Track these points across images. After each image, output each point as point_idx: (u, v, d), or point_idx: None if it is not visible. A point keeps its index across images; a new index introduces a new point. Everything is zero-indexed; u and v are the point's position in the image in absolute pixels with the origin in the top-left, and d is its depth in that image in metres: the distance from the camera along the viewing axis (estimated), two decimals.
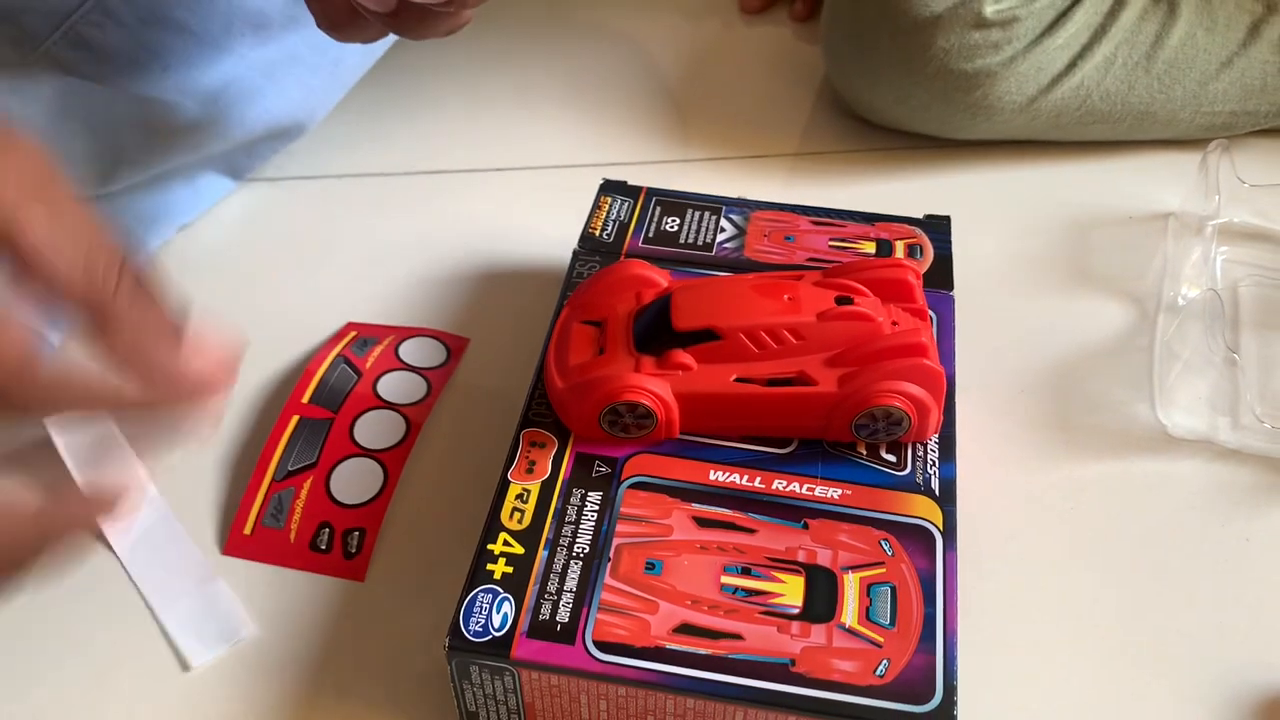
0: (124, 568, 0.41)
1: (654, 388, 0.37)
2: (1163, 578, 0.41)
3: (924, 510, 0.37)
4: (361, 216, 0.57)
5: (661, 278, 0.42)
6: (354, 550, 0.42)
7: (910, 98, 0.57)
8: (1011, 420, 0.46)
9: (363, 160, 0.60)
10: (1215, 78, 0.57)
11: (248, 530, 0.42)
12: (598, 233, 0.47)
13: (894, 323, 0.39)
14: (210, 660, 0.39)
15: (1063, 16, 0.55)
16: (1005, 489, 0.43)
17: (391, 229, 0.56)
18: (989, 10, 0.54)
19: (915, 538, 0.36)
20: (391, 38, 0.58)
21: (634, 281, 0.41)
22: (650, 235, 0.47)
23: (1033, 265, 0.53)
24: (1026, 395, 0.47)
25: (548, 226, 0.53)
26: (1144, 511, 0.43)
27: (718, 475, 0.38)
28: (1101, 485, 0.44)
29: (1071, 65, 0.56)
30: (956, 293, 0.45)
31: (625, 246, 0.47)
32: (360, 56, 0.56)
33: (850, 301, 0.38)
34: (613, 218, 0.48)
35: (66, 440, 0.29)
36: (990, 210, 0.56)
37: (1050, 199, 0.57)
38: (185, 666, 0.38)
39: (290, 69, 0.53)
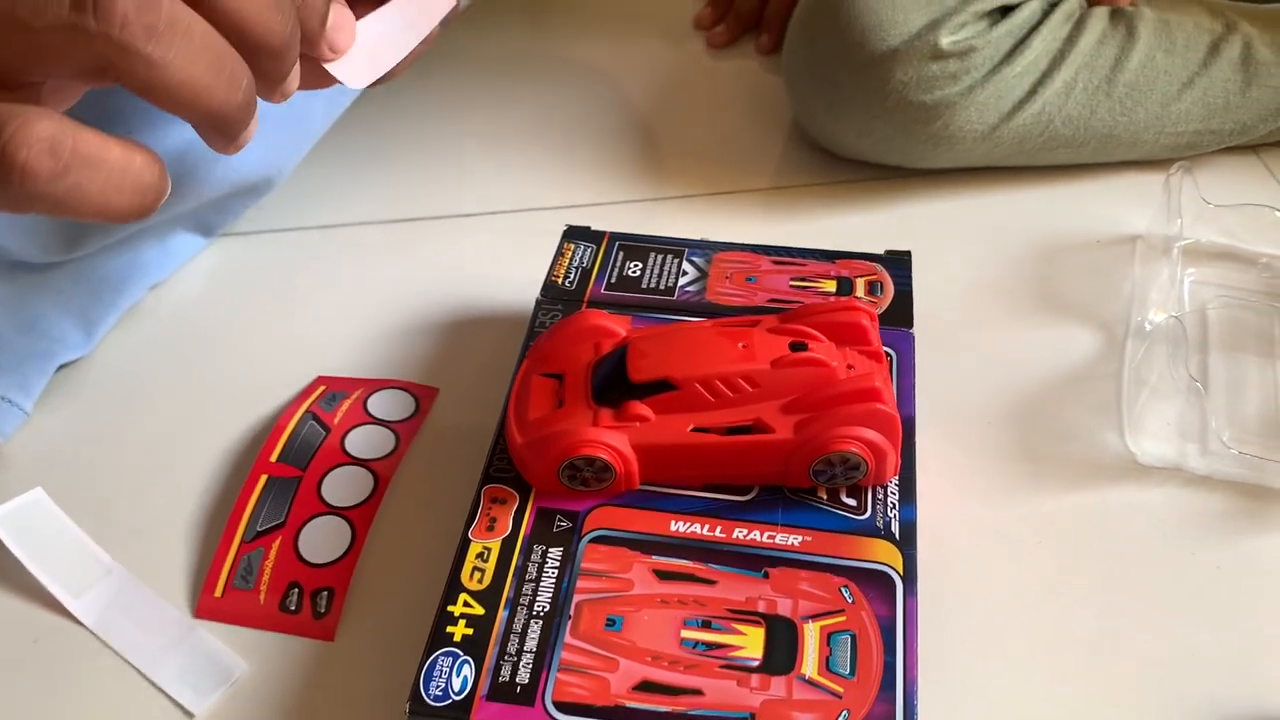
0: (100, 639, 0.41)
1: (611, 441, 0.37)
2: (1134, 611, 0.41)
3: (884, 555, 0.37)
4: (332, 267, 0.57)
5: (620, 326, 0.42)
6: (323, 610, 0.42)
7: (872, 131, 0.57)
8: (977, 454, 0.46)
9: (332, 211, 0.60)
10: (1177, 98, 0.57)
11: (218, 593, 0.42)
12: (560, 280, 0.48)
13: (849, 366, 0.39)
14: (214, 702, 0.39)
15: (1021, 44, 0.56)
16: (971, 525, 0.43)
17: (362, 279, 0.56)
18: (945, 42, 0.54)
19: (876, 584, 0.36)
20: (356, 91, 0.59)
21: (592, 332, 0.42)
22: (612, 281, 0.47)
23: (999, 293, 0.53)
24: (993, 427, 0.47)
25: (515, 271, 0.53)
26: (1114, 543, 0.43)
27: (678, 526, 0.38)
28: (1070, 517, 0.44)
29: (1032, 92, 0.56)
30: (920, 325, 0.45)
31: (588, 294, 0.47)
32: (325, 108, 0.56)
33: (804, 348, 0.38)
34: (575, 264, 0.48)
35: None
36: (956, 239, 0.56)
37: (1016, 225, 0.57)
38: (189, 714, 0.39)
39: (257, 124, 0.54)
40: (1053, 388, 0.49)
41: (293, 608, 0.42)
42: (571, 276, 0.48)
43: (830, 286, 0.46)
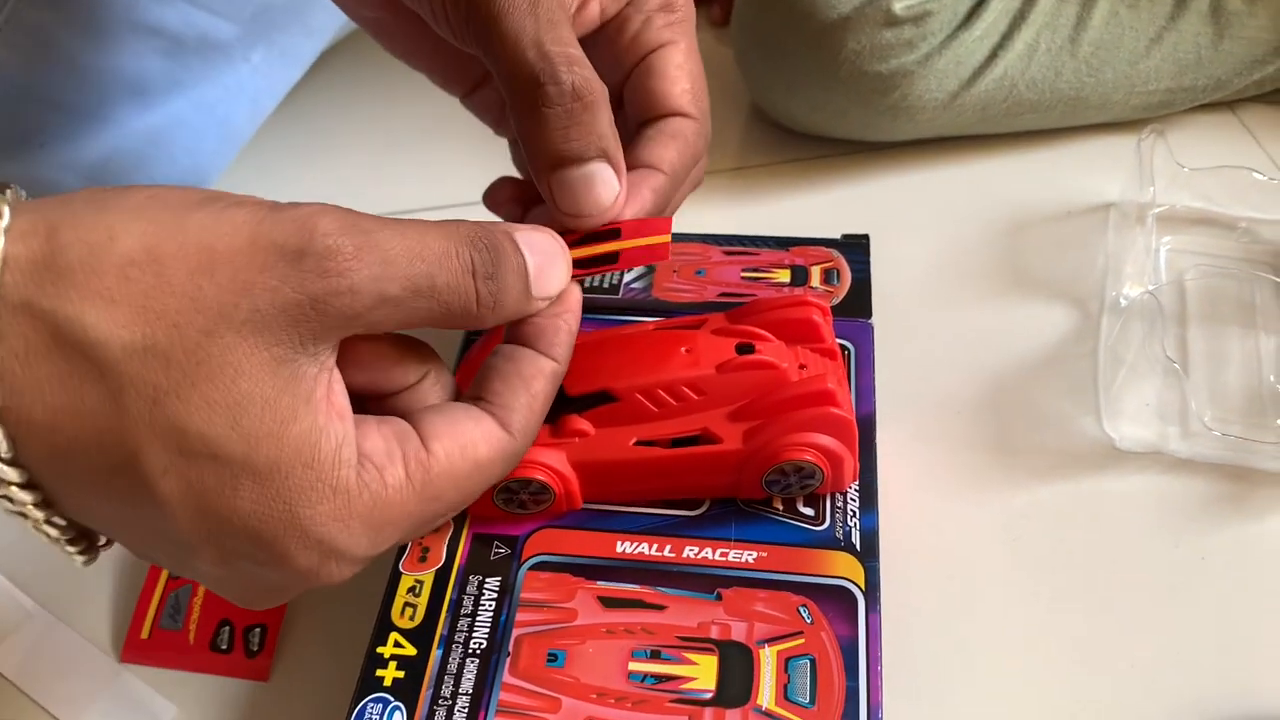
0: (19, 688, 0.39)
1: (548, 460, 0.35)
2: (1117, 607, 0.39)
3: (845, 569, 0.34)
4: None
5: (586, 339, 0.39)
6: (256, 648, 0.39)
7: (826, 104, 0.54)
8: (945, 447, 0.43)
9: None
10: (1145, 55, 0.55)
11: (145, 634, 0.40)
12: None
13: (801, 366, 0.36)
14: None
15: (979, 6, 0.53)
16: (940, 525, 0.41)
17: None
18: (899, 6, 0.51)
19: (836, 600, 0.34)
20: (283, 91, 0.55)
21: None
22: (586, 286, 0.44)
23: (965, 272, 0.51)
24: (962, 417, 0.45)
25: None
26: (1093, 535, 0.41)
27: (625, 546, 0.35)
28: (1046, 509, 0.42)
29: (992, 56, 0.53)
30: (881, 310, 0.42)
31: None
32: (249, 111, 0.53)
33: (752, 349, 0.36)
34: None
35: None
36: (919, 215, 0.54)
37: (981, 198, 0.54)
38: None
39: (176, 134, 0.51)
40: (1024, 372, 0.46)
41: (224, 647, 0.39)
42: None
43: (784, 276, 0.43)
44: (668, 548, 0.35)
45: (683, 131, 0.34)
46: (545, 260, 0.29)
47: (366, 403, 0.29)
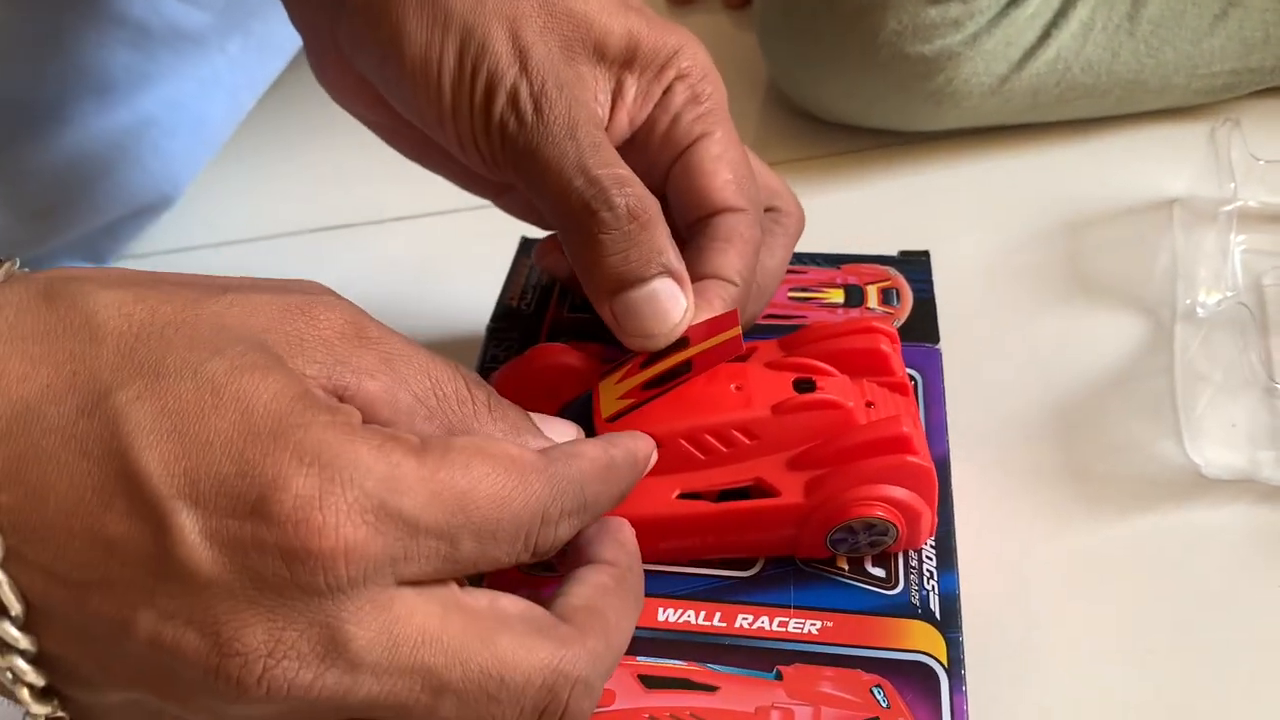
0: None
1: None
2: (1214, 659, 0.34)
3: (923, 640, 0.30)
4: None
5: (585, 363, 0.34)
6: None
7: (862, 90, 0.50)
8: (1015, 480, 0.39)
9: (245, 224, 0.52)
10: (1209, 34, 0.50)
11: None
12: (516, 303, 0.40)
13: (869, 404, 0.32)
14: None
15: None
16: (1014, 565, 0.36)
17: None
18: None
19: (914, 679, 0.29)
20: (263, 85, 0.50)
21: (550, 373, 0.34)
22: (578, 302, 0.40)
23: (1020, 279, 0.46)
24: (1029, 444, 0.40)
25: (461, 286, 0.46)
26: (1182, 575, 0.36)
27: (668, 614, 0.31)
28: (1129, 546, 0.37)
29: (1044, 36, 0.49)
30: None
31: (548, 318, 0.39)
32: (227, 111, 0.48)
33: (812, 386, 0.31)
34: (533, 283, 0.41)
35: None
36: (964, 216, 0.49)
37: (1033, 195, 0.50)
38: None
39: (144, 135, 0.46)
40: (1094, 390, 0.42)
41: None
42: (529, 297, 0.40)
43: (837, 296, 0.39)
44: (717, 616, 0.31)
45: (736, 229, 0.32)
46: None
47: None
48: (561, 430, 0.29)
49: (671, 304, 0.30)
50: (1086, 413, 0.41)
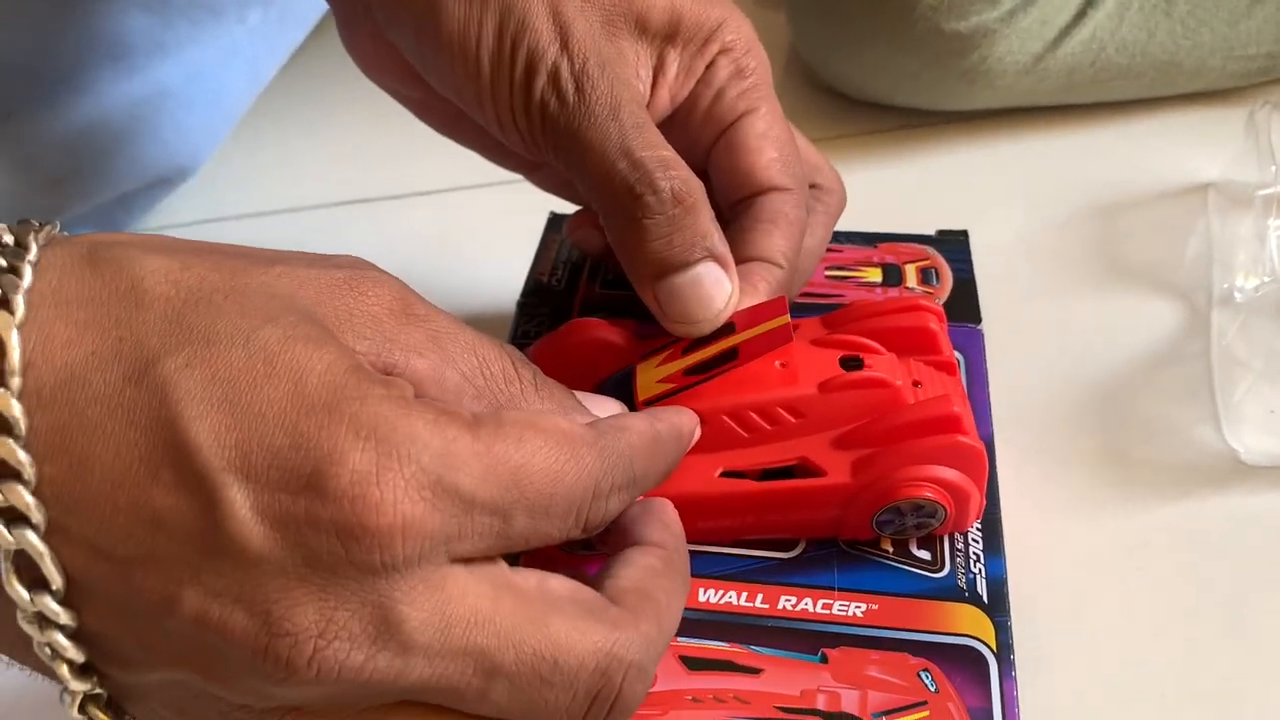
0: None
1: None
2: (1257, 647, 0.34)
3: (970, 624, 0.29)
4: None
5: (622, 339, 0.34)
6: None
7: (894, 66, 0.49)
8: (1051, 461, 0.38)
9: (263, 197, 0.51)
10: (1247, 15, 0.49)
11: None
12: (546, 279, 0.39)
13: (915, 383, 0.31)
14: None
15: None
16: (1055, 551, 0.36)
17: None
18: None
19: (962, 662, 0.29)
20: (284, 55, 0.49)
21: (586, 349, 0.33)
22: (609, 277, 0.39)
23: (1054, 261, 0.45)
24: (1066, 427, 0.39)
25: (488, 261, 0.45)
26: (1223, 564, 0.36)
27: (709, 595, 0.30)
28: (1169, 533, 0.37)
29: (1080, 15, 0.48)
30: None
31: (579, 295, 0.39)
32: (247, 83, 0.48)
33: (860, 364, 0.30)
34: (563, 259, 0.40)
35: None
36: (997, 197, 0.48)
37: (1067, 177, 0.49)
38: None
39: (161, 106, 0.45)
40: (1130, 374, 0.41)
41: None
42: (559, 273, 0.39)
43: (875, 275, 0.38)
44: (759, 597, 0.30)
45: (781, 209, 0.31)
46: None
47: None
48: (607, 408, 0.28)
49: (716, 289, 0.29)
50: (1123, 397, 0.40)
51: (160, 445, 0.20)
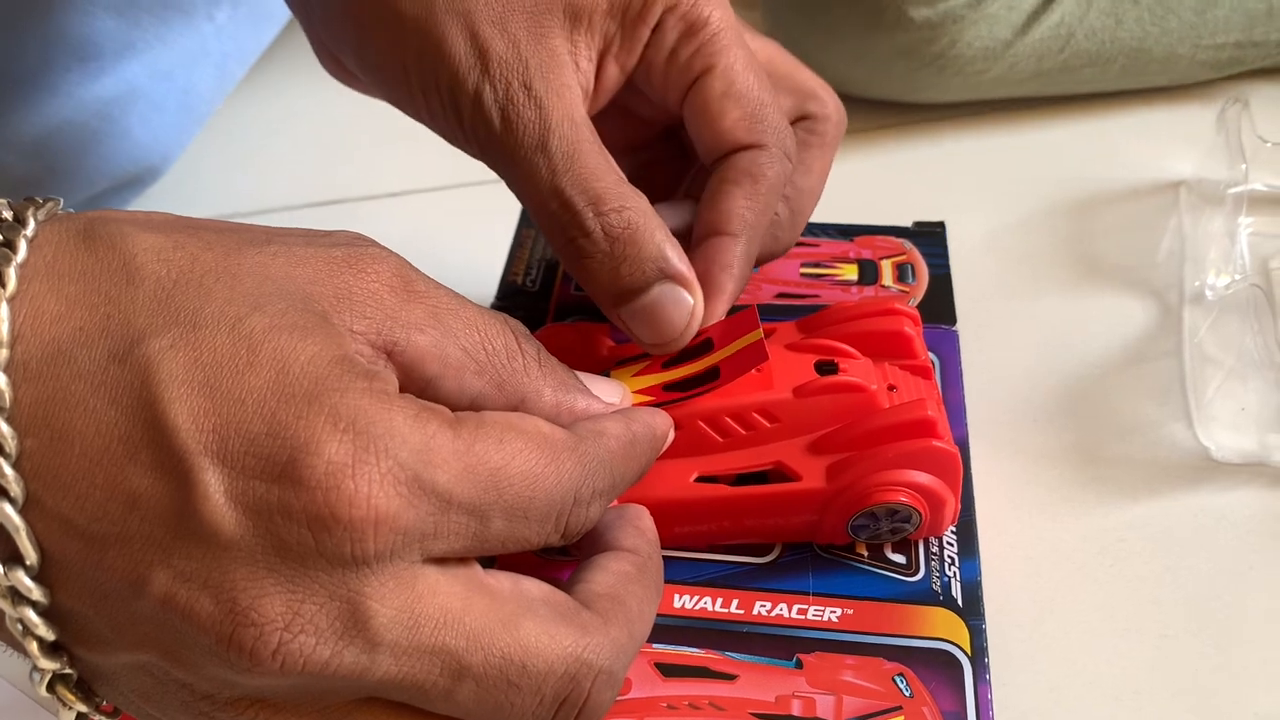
0: None
1: None
2: (1228, 642, 0.34)
3: (945, 628, 0.29)
4: None
5: (599, 344, 0.33)
6: None
7: (864, 56, 0.49)
8: (1024, 459, 0.39)
9: (232, 198, 0.51)
10: (1213, 4, 0.50)
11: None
12: (520, 280, 0.39)
13: (891, 387, 0.31)
14: None
15: None
16: (1028, 549, 0.36)
17: None
18: None
19: (937, 667, 0.29)
20: (253, 55, 0.49)
21: (562, 354, 0.33)
22: None
23: (1026, 257, 0.46)
24: (1038, 425, 0.40)
25: (459, 264, 0.45)
26: (1195, 560, 0.36)
27: (684, 601, 0.30)
28: (1141, 530, 0.37)
29: (1048, 1, 0.48)
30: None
31: (555, 296, 0.38)
32: (216, 82, 0.47)
33: (835, 369, 0.30)
34: (538, 257, 0.40)
35: None
36: (970, 192, 0.48)
37: (1040, 173, 0.49)
38: None
39: (131, 105, 0.44)
40: (1102, 372, 0.41)
41: None
42: (533, 273, 0.39)
43: (851, 273, 0.38)
44: (735, 602, 0.30)
45: (748, 169, 0.30)
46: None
47: None
48: (608, 389, 0.28)
49: (675, 309, 0.29)
50: (1095, 395, 0.41)
51: (140, 425, 0.20)
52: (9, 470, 0.19)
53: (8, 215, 0.21)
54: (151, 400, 0.20)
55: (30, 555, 0.20)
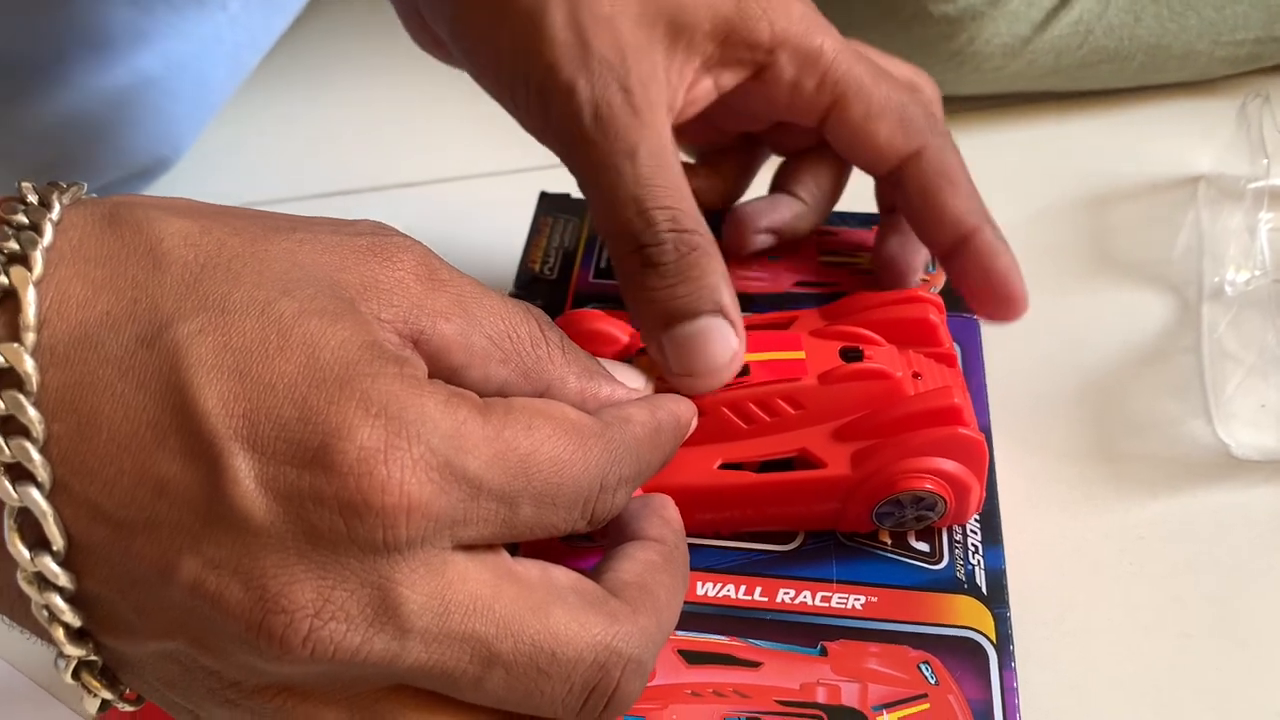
0: None
1: None
2: (1251, 640, 0.34)
3: (970, 616, 0.29)
4: None
5: (621, 330, 0.33)
6: None
7: (884, 50, 0.49)
8: (1044, 454, 0.38)
9: (245, 187, 0.50)
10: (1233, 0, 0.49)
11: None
12: (538, 267, 0.39)
13: (915, 374, 0.31)
14: None
15: None
16: (1048, 543, 0.36)
17: None
18: None
19: (962, 654, 0.29)
20: (266, 44, 0.49)
21: (584, 340, 0.33)
22: (603, 266, 0.39)
23: (1045, 252, 0.45)
24: (1058, 421, 0.39)
25: (476, 254, 0.44)
26: (1216, 558, 0.36)
27: (707, 588, 0.30)
28: (1162, 528, 0.36)
29: None
30: None
31: (573, 283, 0.38)
32: (229, 72, 0.47)
33: (860, 355, 0.30)
34: (555, 245, 0.40)
35: None
36: (989, 187, 0.48)
37: (1058, 168, 0.49)
38: None
39: (143, 95, 0.44)
40: (1120, 368, 0.41)
41: None
42: (551, 261, 0.39)
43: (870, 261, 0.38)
44: (758, 590, 0.30)
45: (936, 172, 0.33)
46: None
47: None
48: (631, 376, 0.28)
49: (721, 343, 0.28)
50: (1115, 391, 0.40)
51: (169, 410, 0.19)
52: (36, 455, 0.19)
53: (33, 199, 0.21)
54: (180, 385, 0.19)
55: (57, 541, 0.20)
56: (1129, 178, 0.48)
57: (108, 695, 0.22)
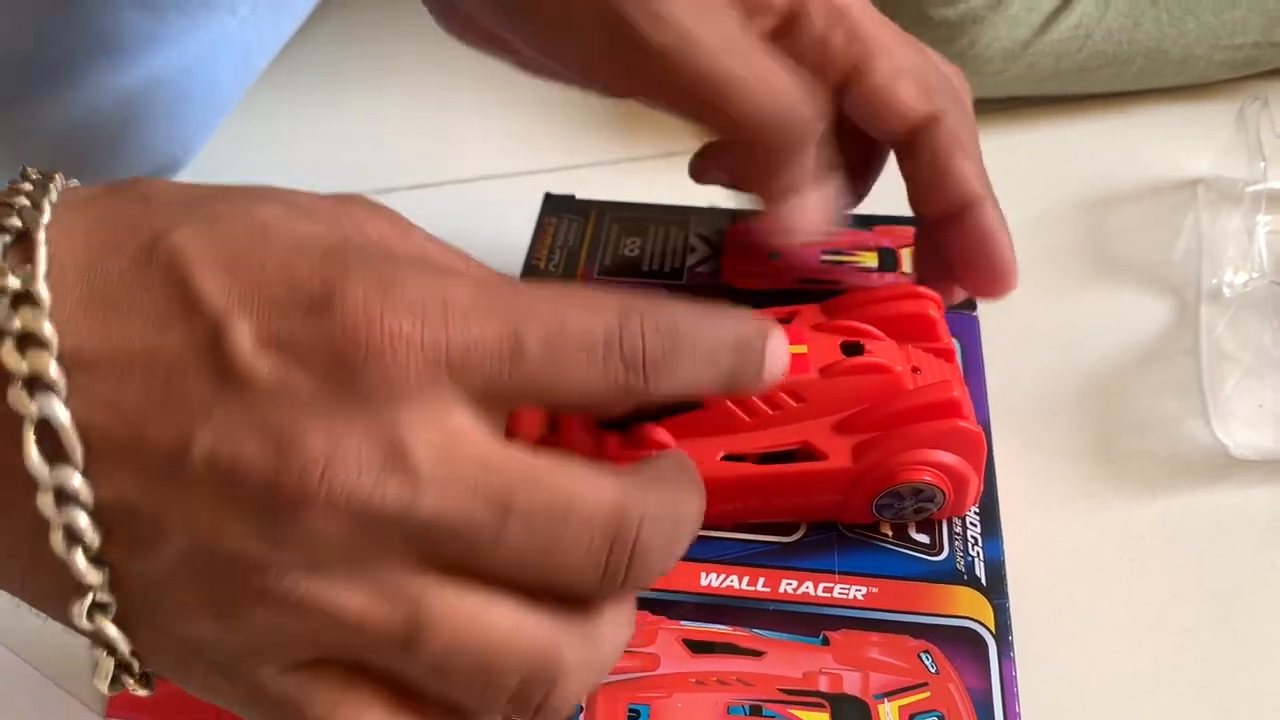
0: None
1: None
2: (1249, 639, 0.34)
3: (969, 607, 0.30)
4: None
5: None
6: None
7: None
8: (1042, 453, 0.39)
9: None
10: (1232, 4, 0.50)
11: None
12: (543, 264, 0.40)
13: (915, 369, 0.31)
14: None
15: None
16: (1049, 544, 0.36)
17: None
18: None
19: (962, 644, 0.29)
20: (276, 47, 0.49)
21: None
22: (607, 263, 0.39)
23: (1043, 255, 0.46)
24: (1057, 421, 0.40)
25: (485, 255, 0.45)
26: (1215, 557, 0.36)
27: (711, 579, 0.30)
28: (1161, 526, 0.37)
29: (1066, 1, 0.49)
30: None
31: (578, 280, 0.39)
32: (239, 74, 0.47)
33: (860, 350, 0.31)
34: (560, 243, 0.40)
35: None
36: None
37: (1057, 171, 0.49)
38: None
39: (154, 97, 0.45)
40: (1119, 368, 0.42)
41: None
42: (556, 258, 0.40)
43: (870, 260, 0.38)
44: (761, 580, 0.30)
45: (950, 138, 0.33)
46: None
47: None
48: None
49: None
50: (1113, 391, 0.41)
51: (172, 300, 0.21)
52: (53, 365, 0.20)
53: (36, 177, 0.23)
54: (179, 280, 0.21)
55: (75, 449, 0.20)
56: (1129, 181, 0.49)
57: (123, 645, 0.22)
